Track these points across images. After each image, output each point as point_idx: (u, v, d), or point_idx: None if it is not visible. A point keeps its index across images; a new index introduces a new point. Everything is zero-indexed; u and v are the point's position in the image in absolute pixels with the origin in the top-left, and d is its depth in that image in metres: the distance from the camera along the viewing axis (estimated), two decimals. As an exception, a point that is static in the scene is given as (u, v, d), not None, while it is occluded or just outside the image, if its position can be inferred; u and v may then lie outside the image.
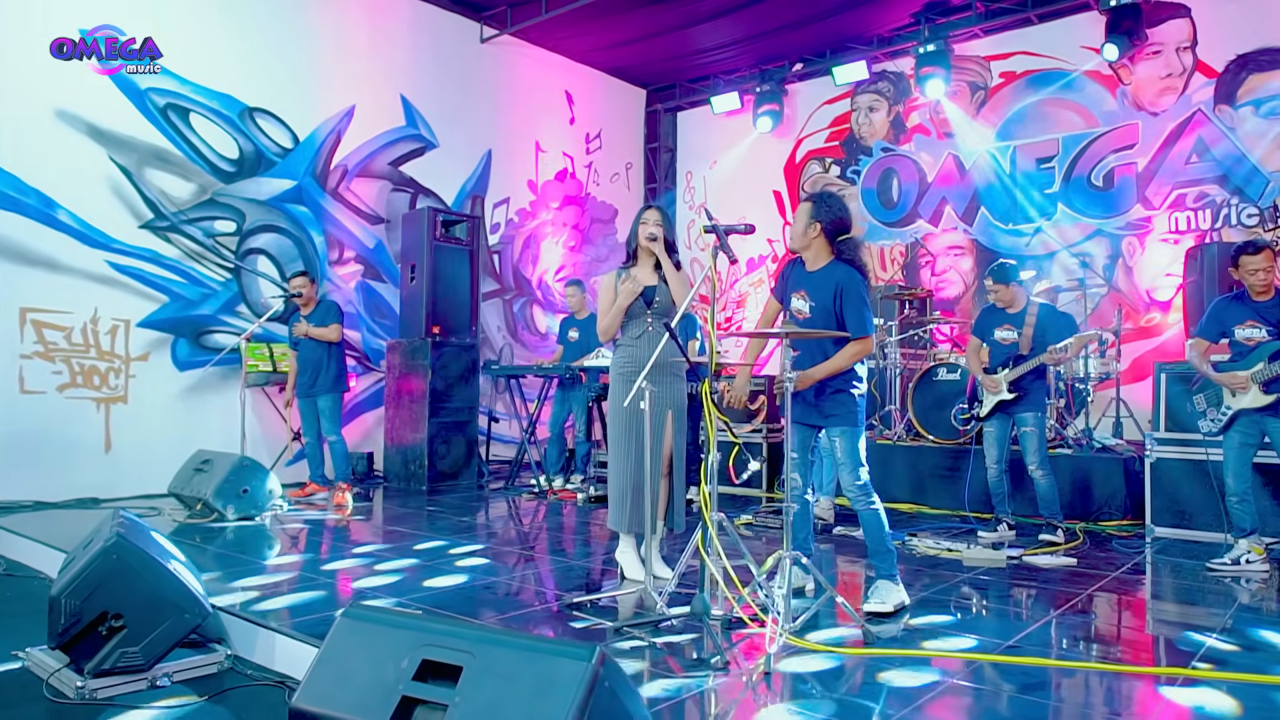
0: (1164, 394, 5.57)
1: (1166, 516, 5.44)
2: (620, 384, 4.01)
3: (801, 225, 3.64)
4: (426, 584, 3.96)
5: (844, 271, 3.57)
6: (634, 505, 4.00)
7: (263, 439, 7.15)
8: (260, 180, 7.33)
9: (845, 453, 3.55)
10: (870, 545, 3.58)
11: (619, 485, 4.03)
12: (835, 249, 3.64)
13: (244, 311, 7.19)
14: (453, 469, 7.53)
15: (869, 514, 3.54)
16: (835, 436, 3.58)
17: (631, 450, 4.01)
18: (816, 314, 3.59)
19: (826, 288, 3.57)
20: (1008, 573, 4.36)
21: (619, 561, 4.16)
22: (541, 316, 9.83)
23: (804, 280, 3.68)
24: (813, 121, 9.96)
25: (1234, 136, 7.43)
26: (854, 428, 3.56)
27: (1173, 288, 7.63)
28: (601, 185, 10.54)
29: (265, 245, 7.37)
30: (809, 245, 3.64)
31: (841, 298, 3.52)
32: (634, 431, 3.96)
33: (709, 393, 3.12)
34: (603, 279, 4.12)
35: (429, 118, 8.58)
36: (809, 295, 3.63)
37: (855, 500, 3.56)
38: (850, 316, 3.51)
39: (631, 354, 4.07)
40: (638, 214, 4.19)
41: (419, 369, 7.45)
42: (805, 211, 3.65)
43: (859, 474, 3.54)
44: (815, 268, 3.66)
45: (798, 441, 3.69)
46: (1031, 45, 8.48)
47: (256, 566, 4.30)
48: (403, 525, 5.56)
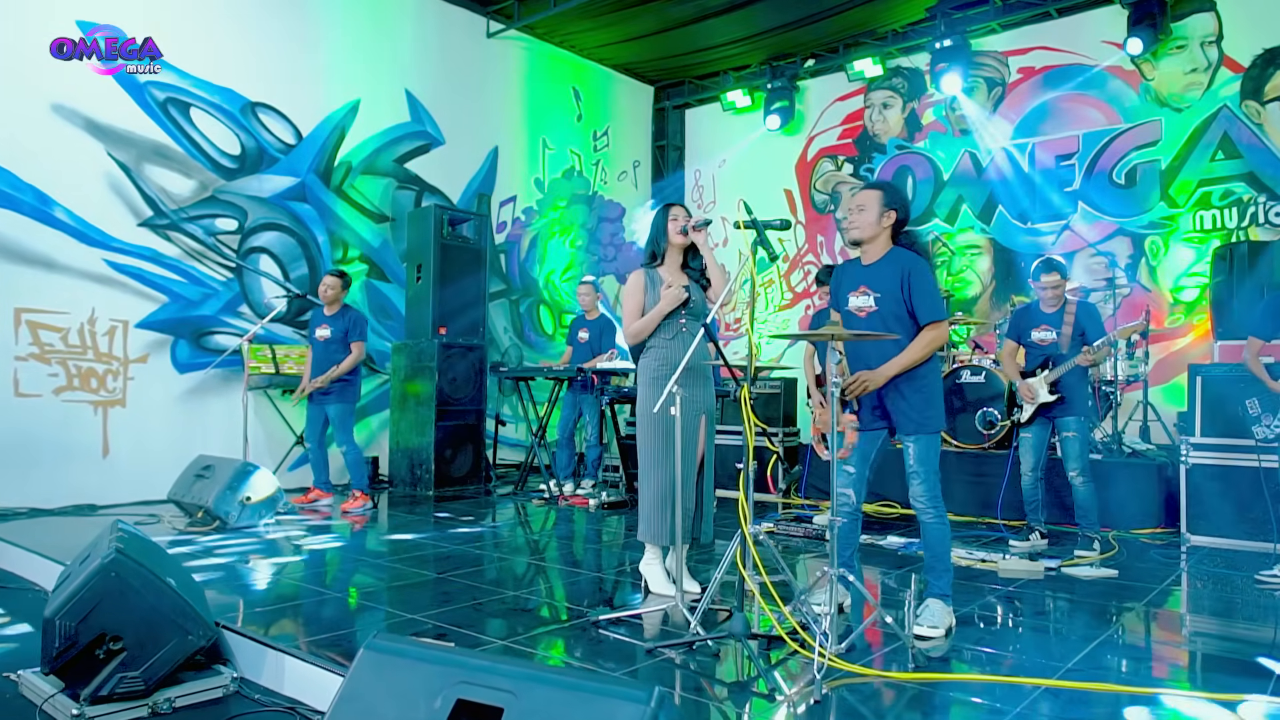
0: (1200, 397, 5.38)
1: (1202, 524, 5.26)
2: (654, 388, 3.80)
3: (874, 214, 3.39)
4: (442, 597, 3.77)
5: (908, 257, 3.36)
6: (670, 516, 3.80)
7: (265, 443, 6.94)
8: (263, 177, 7.13)
9: (919, 459, 3.30)
10: (929, 560, 3.36)
11: (653, 495, 3.82)
12: (897, 240, 3.44)
13: (246, 312, 6.99)
14: (460, 474, 7.33)
15: (937, 527, 3.31)
16: (909, 441, 3.33)
17: (665, 459, 3.80)
18: (883, 304, 3.35)
19: (891, 275, 3.34)
20: (1048, 585, 4.17)
21: (643, 574, 3.96)
22: (548, 317, 9.63)
23: (862, 275, 3.45)
24: (825, 118, 9.77)
25: (1261, 133, 7.25)
26: (933, 433, 3.32)
27: (1197, 288, 7.44)
28: (609, 183, 10.35)
29: (268, 244, 7.17)
30: (878, 235, 3.41)
31: (909, 282, 3.29)
32: (669, 438, 3.76)
33: (748, 398, 2.92)
34: (631, 280, 3.91)
35: (435, 114, 8.38)
36: (871, 288, 3.40)
37: (924, 511, 3.32)
38: (921, 301, 3.28)
39: (665, 356, 3.87)
40: (660, 212, 4.00)
41: (425, 371, 7.25)
42: (875, 199, 3.41)
43: (934, 484, 3.30)
44: (874, 259, 3.43)
45: (858, 454, 3.47)
46: (1051, 40, 8.29)
47: (262, 579, 4.10)
48: (411, 532, 5.36)
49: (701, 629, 3.05)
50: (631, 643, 3.11)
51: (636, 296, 3.86)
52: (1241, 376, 5.17)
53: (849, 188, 9.56)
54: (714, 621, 3.30)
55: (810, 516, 5.88)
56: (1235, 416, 5.21)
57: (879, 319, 3.37)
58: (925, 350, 3.26)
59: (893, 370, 3.26)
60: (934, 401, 3.34)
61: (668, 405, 3.23)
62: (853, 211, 3.46)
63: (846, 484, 3.51)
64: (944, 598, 3.30)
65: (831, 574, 2.83)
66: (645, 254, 4.03)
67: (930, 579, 3.35)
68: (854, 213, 3.46)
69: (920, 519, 3.35)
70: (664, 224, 3.95)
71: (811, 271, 9.80)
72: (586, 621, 3.36)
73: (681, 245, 3.95)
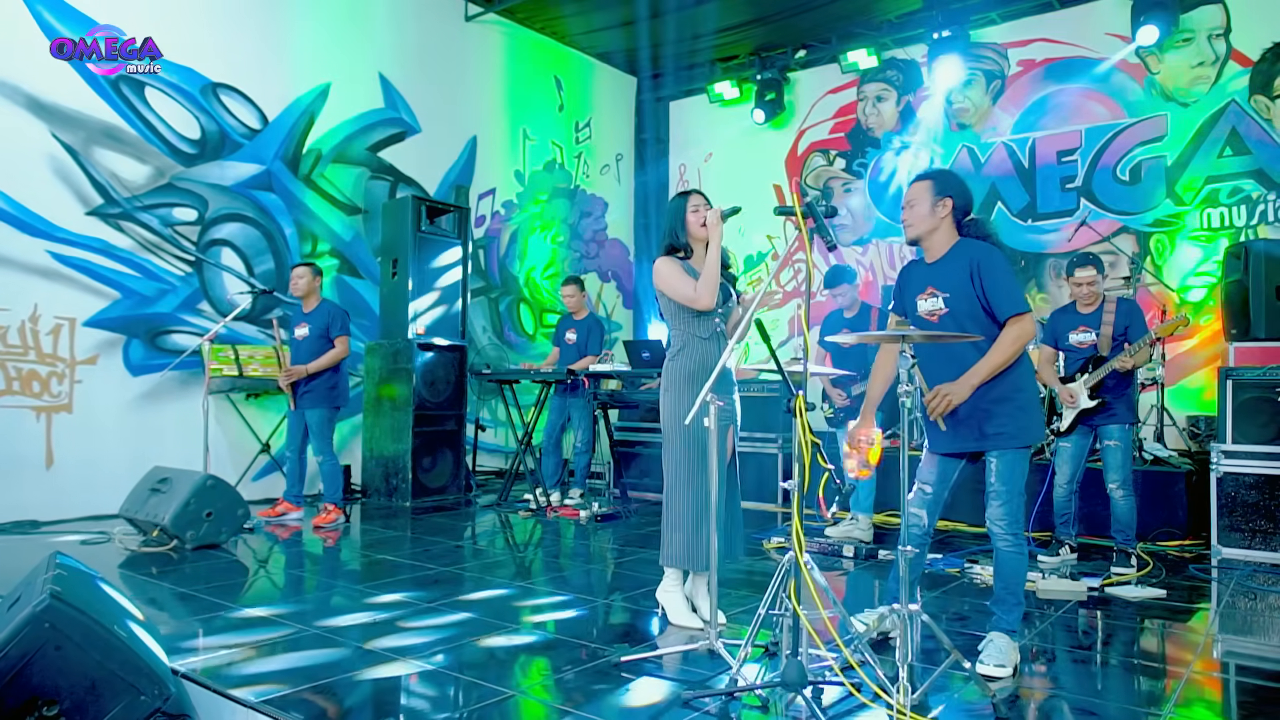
0: (1230, 402, 5.10)
1: (1234, 537, 4.98)
2: (686, 392, 3.39)
3: (925, 206, 3.01)
4: (438, 635, 3.33)
5: (976, 247, 2.97)
6: (705, 537, 3.39)
7: (228, 453, 6.42)
8: (224, 164, 6.59)
9: (1003, 477, 2.90)
10: (1000, 591, 2.96)
11: (686, 516, 3.40)
12: (962, 231, 3.05)
13: (206, 310, 6.46)
14: (438, 483, 6.87)
15: (1014, 557, 2.92)
16: (991, 456, 2.93)
17: (700, 473, 3.39)
18: (955, 304, 2.95)
19: (959, 270, 2.95)
20: (1098, 609, 3.84)
21: (662, 602, 3.56)
22: (529, 316, 9.18)
23: (928, 275, 3.05)
24: (816, 111, 9.43)
25: (1271, 129, 7.04)
26: (1023, 448, 2.92)
27: (1204, 288, 7.22)
28: (592, 177, 9.92)
29: (230, 236, 6.64)
30: (936, 228, 3.02)
31: (981, 274, 2.88)
32: (703, 451, 3.35)
33: (803, 408, 2.52)
34: (664, 263, 3.49)
35: (410, 100, 7.89)
36: (939, 288, 3.00)
37: (1000, 537, 2.92)
38: (998, 294, 2.87)
39: (701, 357, 3.46)
40: (677, 200, 3.58)
41: (401, 373, 6.77)
42: (925, 190, 3.02)
43: (1017, 506, 2.90)
44: (938, 255, 3.04)
45: (938, 474, 3.07)
46: (1052, 32, 8.04)
47: (228, 613, 3.62)
48: (391, 552, 4.90)
49: (744, 676, 2.64)
50: (663, 686, 2.70)
51: (678, 273, 3.44)
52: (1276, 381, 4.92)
53: (841, 183, 9.24)
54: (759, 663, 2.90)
55: (821, 529, 5.52)
56: (1270, 422, 4.94)
57: (952, 321, 2.96)
58: (1012, 349, 2.84)
59: (978, 379, 2.84)
60: (1028, 409, 2.93)
61: (701, 416, 2.83)
62: (905, 209, 3.09)
63: (919, 504, 3.11)
64: (1011, 633, 2.93)
65: (904, 612, 2.44)
66: (661, 247, 3.62)
67: (999, 611, 2.97)
68: (905, 210, 3.09)
69: (995, 544, 2.96)
70: (683, 214, 3.54)
71: (802, 270, 9.47)
72: (606, 663, 2.95)
73: (704, 238, 3.55)
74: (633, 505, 6.51)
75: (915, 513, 3.11)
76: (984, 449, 2.94)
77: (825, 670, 2.64)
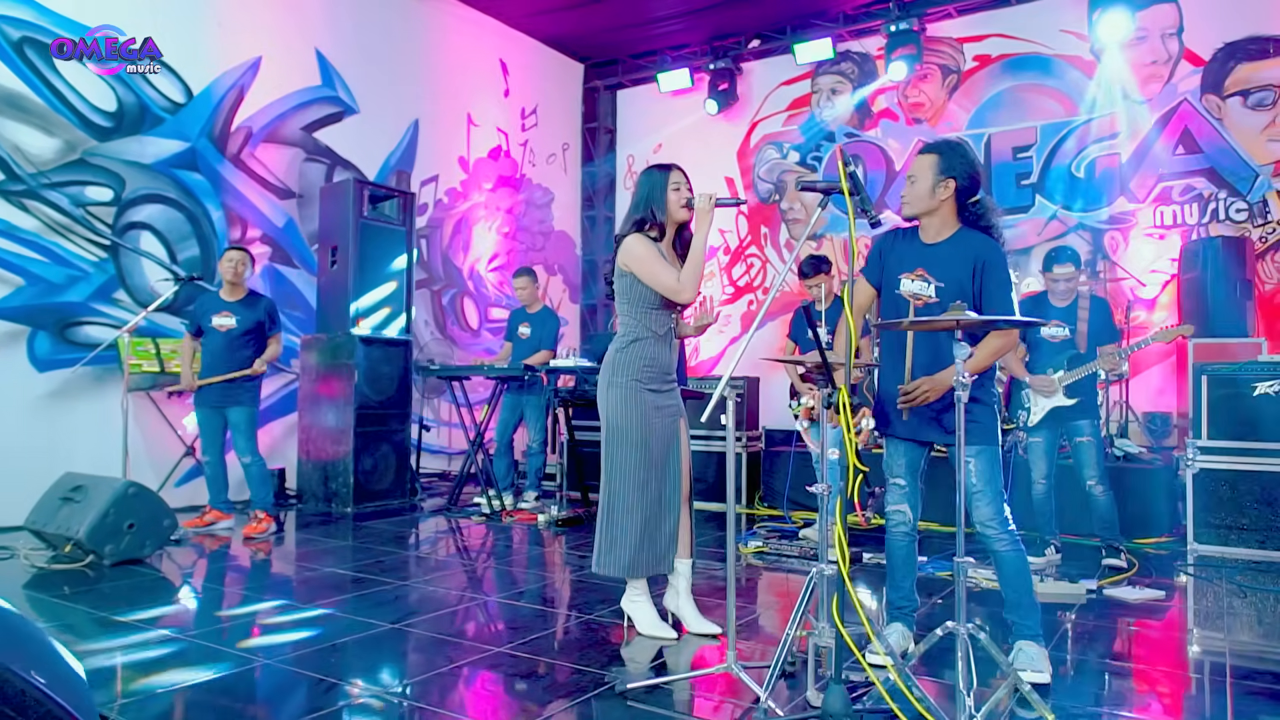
0: (1206, 398, 5.06)
1: (1210, 533, 4.93)
2: (635, 392, 3.15)
3: (927, 183, 2.80)
4: (402, 657, 2.96)
5: (982, 241, 2.78)
6: (650, 542, 3.14)
7: (147, 456, 5.84)
8: (144, 139, 6.01)
9: (984, 477, 2.74)
10: (1011, 596, 2.78)
11: (631, 521, 3.15)
12: (964, 214, 2.84)
13: (124, 299, 5.87)
14: (381, 487, 6.41)
15: (1013, 556, 2.74)
16: (970, 457, 2.76)
17: (652, 475, 3.14)
18: (946, 296, 2.77)
19: (959, 262, 2.76)
20: (1101, 611, 3.68)
21: (629, 612, 3.27)
22: (473, 310, 8.75)
23: (921, 255, 2.85)
24: (769, 103, 9.24)
25: (1222, 128, 7.12)
26: (992, 445, 2.78)
27: (1158, 284, 7.27)
28: (538, 166, 9.53)
29: (150, 219, 6.06)
30: (935, 209, 2.81)
31: (983, 274, 2.73)
32: (652, 451, 3.14)
33: (847, 403, 2.25)
34: (638, 242, 3.19)
35: (348, 78, 7.39)
36: (932, 273, 2.81)
37: (995, 539, 2.75)
38: (995, 298, 2.73)
39: (653, 355, 3.19)
40: (656, 174, 3.25)
41: (342, 370, 6.30)
42: (929, 165, 2.81)
43: (1002, 505, 2.74)
44: (938, 238, 2.85)
45: (906, 464, 2.89)
46: (1008, 27, 8.01)
47: (155, 643, 3.17)
48: (335, 563, 4.46)
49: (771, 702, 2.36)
50: None
51: (653, 256, 3.16)
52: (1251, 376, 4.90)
53: (794, 177, 9.08)
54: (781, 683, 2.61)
55: (795, 531, 5.29)
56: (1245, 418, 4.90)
57: (939, 312, 2.76)
58: (993, 359, 2.78)
59: (951, 379, 2.68)
60: (993, 409, 2.86)
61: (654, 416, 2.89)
62: (907, 182, 2.88)
63: (899, 500, 2.93)
64: (1037, 638, 2.74)
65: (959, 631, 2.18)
66: (629, 222, 3.29)
67: (1016, 619, 2.78)
68: (907, 184, 2.88)
69: (991, 547, 2.78)
70: (663, 191, 3.23)
71: (754, 265, 9.28)
72: (609, 690, 2.62)
73: (682, 219, 3.25)
74: (593, 508, 6.17)
75: (898, 509, 2.95)
76: (950, 444, 2.80)
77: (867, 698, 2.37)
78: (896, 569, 2.94)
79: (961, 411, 2.31)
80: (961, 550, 2.27)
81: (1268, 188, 6.94)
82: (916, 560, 2.97)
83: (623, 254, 3.23)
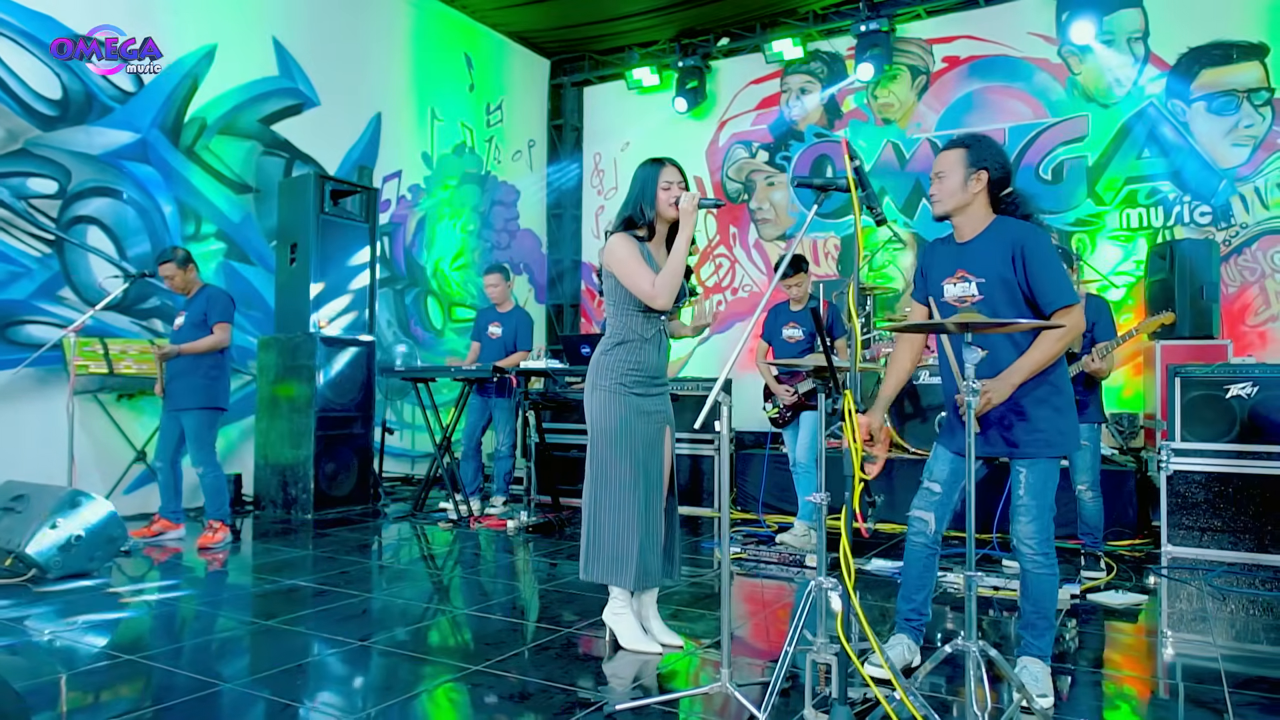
0: (1179, 400, 5.07)
1: (1184, 535, 4.94)
2: (619, 396, 3.04)
3: (957, 178, 2.64)
4: (370, 678, 2.79)
5: (1020, 227, 2.60)
6: (640, 551, 3.02)
7: (95, 463, 5.57)
8: (91, 130, 5.73)
9: (1035, 492, 2.57)
10: (1030, 615, 2.65)
11: (621, 530, 3.03)
12: (1000, 207, 2.69)
13: (69, 297, 5.58)
14: (343, 492, 6.20)
15: (1047, 579, 2.60)
16: (1021, 466, 2.61)
17: (639, 481, 3.03)
18: (991, 291, 2.60)
19: (998, 253, 2.59)
20: (1089, 618, 3.63)
21: (610, 626, 3.14)
22: (437, 310, 8.54)
23: (959, 257, 2.69)
24: (739, 102, 9.16)
25: (1186, 132, 7.19)
26: (1056, 458, 2.60)
27: (1124, 286, 7.32)
28: (503, 163, 9.34)
29: (98, 213, 5.78)
30: (968, 204, 2.66)
31: (1025, 260, 2.53)
32: (637, 456, 3.04)
33: (853, 409, 2.14)
34: (621, 242, 3.06)
35: (308, 70, 7.14)
36: (971, 272, 2.64)
37: (1031, 557, 2.59)
38: (1045, 281, 2.52)
39: (639, 360, 3.07)
40: (648, 170, 3.13)
41: (302, 371, 6.07)
42: (958, 160, 2.65)
43: (1047, 522, 2.59)
44: (972, 235, 2.68)
45: (949, 473, 2.74)
46: (977, 29, 8.02)
47: (101, 666, 2.96)
48: (297, 575, 4.26)
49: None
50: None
51: (636, 258, 3.03)
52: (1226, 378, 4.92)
53: (764, 176, 9.01)
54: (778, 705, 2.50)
55: (771, 536, 5.20)
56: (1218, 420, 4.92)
57: (987, 310, 2.61)
58: (1060, 345, 2.52)
59: (1019, 377, 2.52)
60: (1066, 413, 2.62)
61: (637, 421, 2.83)
62: (934, 181, 2.72)
63: (927, 506, 2.78)
64: (1044, 658, 2.64)
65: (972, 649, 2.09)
66: (620, 219, 3.17)
67: (1029, 636, 2.65)
68: (935, 182, 2.71)
69: (1024, 565, 2.63)
70: (654, 188, 3.10)
71: (723, 265, 9.20)
72: (596, 712, 2.48)
73: (672, 220, 3.13)
74: (563, 514, 6.03)
75: (921, 516, 2.78)
76: (1015, 456, 2.63)
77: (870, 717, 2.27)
78: (911, 580, 2.79)
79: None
80: (973, 563, 2.17)
81: (1231, 192, 7.03)
82: (934, 575, 2.82)
83: (605, 253, 3.11)
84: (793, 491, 5.42)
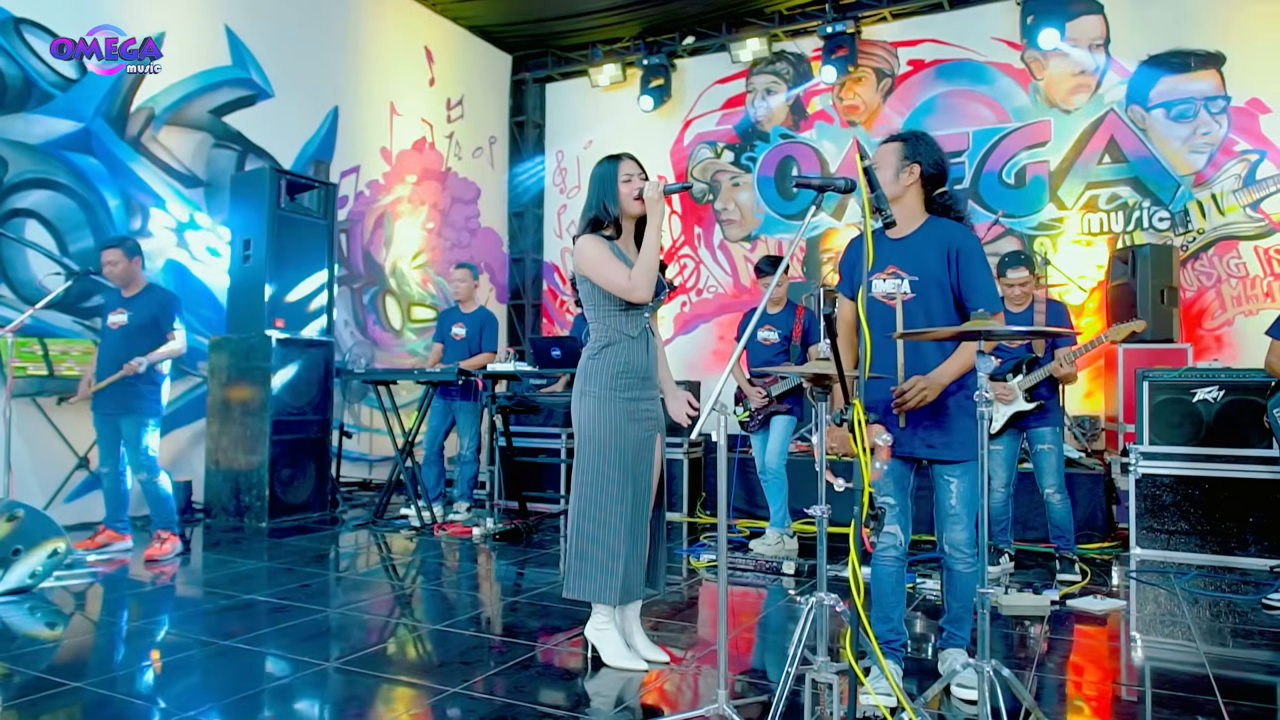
0: (1148, 404, 5.11)
1: (1152, 538, 4.98)
2: (609, 401, 2.93)
3: (890, 171, 2.65)
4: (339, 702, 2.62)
5: (954, 228, 2.64)
6: (627, 563, 2.91)
7: (34, 469, 5.27)
8: (30, 118, 5.42)
9: (966, 501, 2.61)
10: (957, 610, 2.75)
11: (608, 544, 2.91)
12: (933, 206, 2.70)
13: (6, 295, 5.28)
14: (299, 499, 5.97)
15: (971, 576, 2.66)
16: (952, 476, 2.63)
17: (628, 490, 2.91)
18: (923, 289, 2.62)
19: (931, 252, 2.61)
20: (1070, 624, 3.60)
21: (593, 642, 3.02)
22: (396, 309, 8.31)
23: (891, 252, 2.68)
24: (704, 101, 9.08)
25: (1146, 138, 7.29)
26: (975, 461, 2.61)
27: (1086, 291, 7.40)
28: (464, 159, 9.14)
29: (37, 205, 5.47)
30: (899, 196, 2.66)
31: (960, 261, 2.58)
32: (628, 464, 2.92)
33: (862, 418, 2.04)
34: (591, 243, 2.95)
35: (261, 59, 6.87)
36: (905, 269, 2.64)
37: (958, 560, 2.67)
38: (975, 286, 2.58)
39: (627, 357, 2.96)
40: (605, 168, 3.01)
41: (256, 373, 5.83)
42: (894, 153, 2.67)
43: (973, 529, 2.63)
44: (905, 231, 2.68)
45: (894, 481, 2.71)
46: (941, 33, 8.04)
47: (37, 695, 2.74)
48: (254, 589, 4.05)
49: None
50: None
51: (607, 256, 2.93)
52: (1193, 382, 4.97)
53: (729, 176, 8.95)
54: None
55: (744, 542, 5.11)
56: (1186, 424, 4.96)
57: (919, 308, 2.62)
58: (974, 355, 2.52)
59: (947, 378, 2.56)
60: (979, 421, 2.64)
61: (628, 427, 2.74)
62: None
63: (890, 520, 2.75)
64: (964, 645, 2.75)
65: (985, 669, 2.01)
66: (585, 221, 3.05)
67: (954, 629, 2.78)
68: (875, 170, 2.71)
69: (953, 566, 2.71)
70: (614, 183, 2.98)
71: (688, 265, 9.11)
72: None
73: (637, 214, 3.02)
74: (531, 520, 5.87)
75: (888, 531, 2.75)
76: (939, 458, 2.65)
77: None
78: (885, 598, 2.74)
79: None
80: (984, 580, 2.10)
81: (1189, 197, 7.14)
82: (905, 587, 2.79)
83: (575, 258, 3.01)
84: (761, 497, 5.35)
